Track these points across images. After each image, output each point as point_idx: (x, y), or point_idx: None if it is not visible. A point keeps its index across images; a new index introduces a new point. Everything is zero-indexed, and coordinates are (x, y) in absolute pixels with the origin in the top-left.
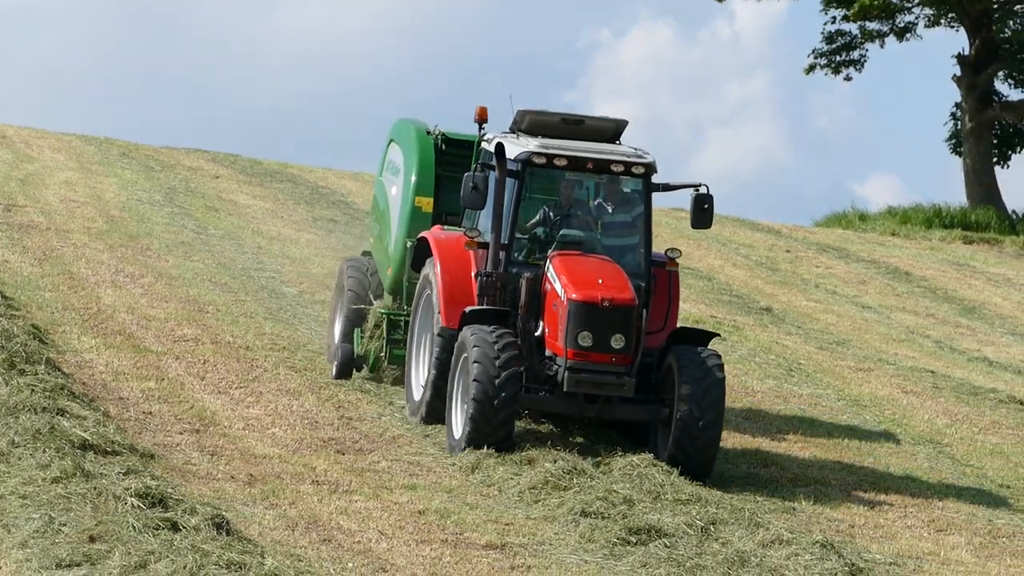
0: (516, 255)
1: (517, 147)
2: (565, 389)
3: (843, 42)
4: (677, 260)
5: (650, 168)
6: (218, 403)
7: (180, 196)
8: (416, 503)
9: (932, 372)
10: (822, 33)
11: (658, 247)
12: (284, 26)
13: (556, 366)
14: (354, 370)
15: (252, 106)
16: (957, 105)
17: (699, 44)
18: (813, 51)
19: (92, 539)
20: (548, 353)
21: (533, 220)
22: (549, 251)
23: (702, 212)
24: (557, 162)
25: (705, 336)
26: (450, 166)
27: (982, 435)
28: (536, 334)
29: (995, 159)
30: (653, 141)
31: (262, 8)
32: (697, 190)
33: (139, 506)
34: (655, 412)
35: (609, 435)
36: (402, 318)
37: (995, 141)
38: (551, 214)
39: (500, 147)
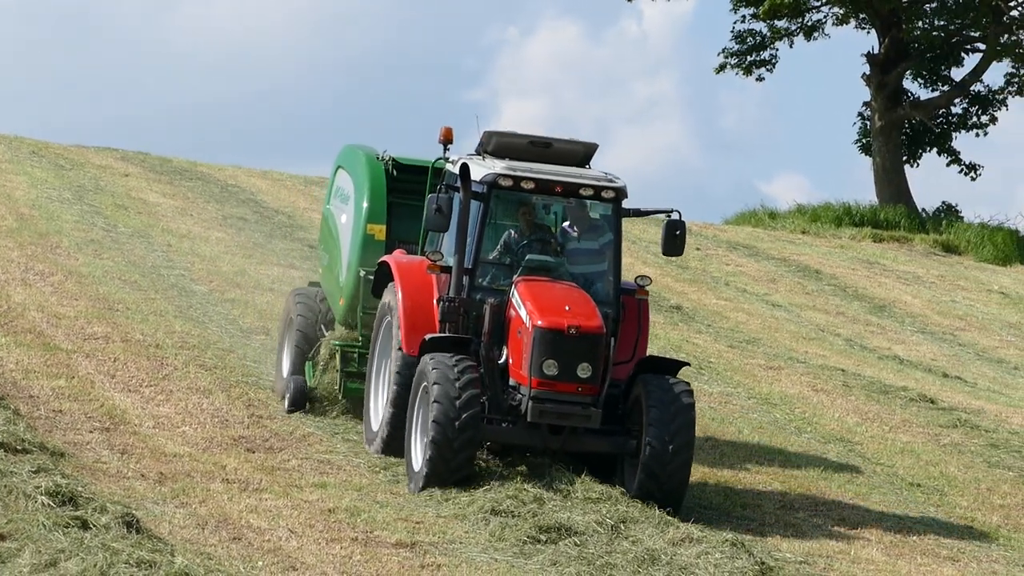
0: (480, 280)
1: (483, 169)
2: (529, 419)
3: (754, 42)
4: (647, 288)
5: (620, 193)
6: (128, 401)
7: (90, 194)
8: (326, 501)
9: (842, 370)
10: (732, 32)
11: None
12: (191, 24)
13: (520, 396)
14: (307, 403)
15: (161, 105)
16: (866, 104)
17: (606, 43)
18: (723, 50)
19: (1, 537)
20: (512, 382)
21: (498, 246)
22: (514, 276)
23: (674, 239)
24: (524, 185)
25: (674, 365)
26: (402, 192)
27: (893, 433)
28: (499, 362)
29: (904, 158)
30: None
31: (169, 6)
32: (669, 216)
33: (49, 504)
34: (622, 444)
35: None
36: (356, 350)
37: (904, 140)
38: (515, 239)
39: (465, 168)
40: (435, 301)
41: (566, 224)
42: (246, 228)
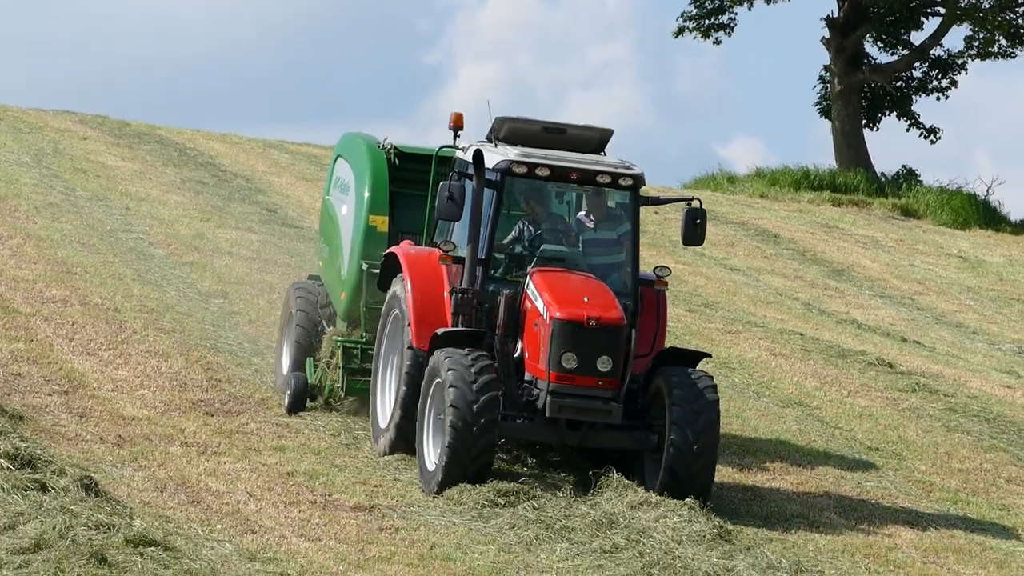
0: (493, 271)
1: (496, 156)
2: (547, 415)
3: (712, 5)
4: (666, 279)
5: (638, 180)
6: (87, 365)
7: (48, 158)
8: (285, 465)
9: (801, 334)
10: None
11: None
12: None
13: (537, 390)
14: (308, 400)
15: (118, 67)
16: (826, 68)
17: (562, 7)
18: (682, 14)
19: None
20: (528, 377)
21: (510, 236)
22: (528, 267)
23: (694, 227)
24: (539, 172)
25: (694, 356)
26: (405, 182)
27: (851, 398)
28: (514, 356)
29: (864, 122)
30: (515, 103)
31: None
32: (689, 204)
33: (8, 467)
34: (643, 440)
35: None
36: (359, 346)
37: (864, 104)
38: (528, 229)
39: (479, 155)
40: (447, 293)
41: (581, 213)
42: (204, 191)
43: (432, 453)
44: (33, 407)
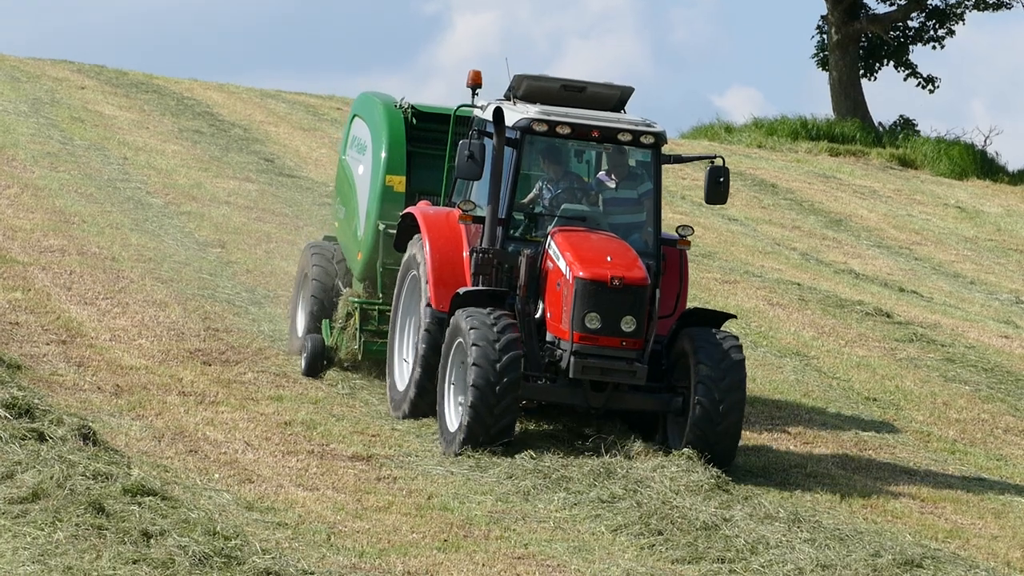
0: (512, 231)
1: (516, 114)
2: (571, 375)
3: None
4: (688, 238)
5: (660, 138)
6: (84, 314)
7: (46, 107)
8: (282, 414)
9: (798, 284)
10: None
11: None
12: None
13: (560, 351)
14: (324, 363)
15: (116, 16)
16: (823, 18)
17: None
18: None
19: None
20: (549, 337)
21: (529, 195)
22: (549, 227)
23: (716, 186)
24: (559, 130)
25: (719, 317)
26: (421, 142)
27: (848, 348)
28: (535, 317)
29: (861, 72)
30: (513, 53)
31: None
32: (712, 162)
33: (5, 416)
34: (667, 402)
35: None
36: (376, 307)
37: (861, 53)
38: (548, 188)
39: (499, 113)
40: (467, 253)
41: (602, 173)
42: (202, 141)
43: (453, 414)
44: (31, 356)
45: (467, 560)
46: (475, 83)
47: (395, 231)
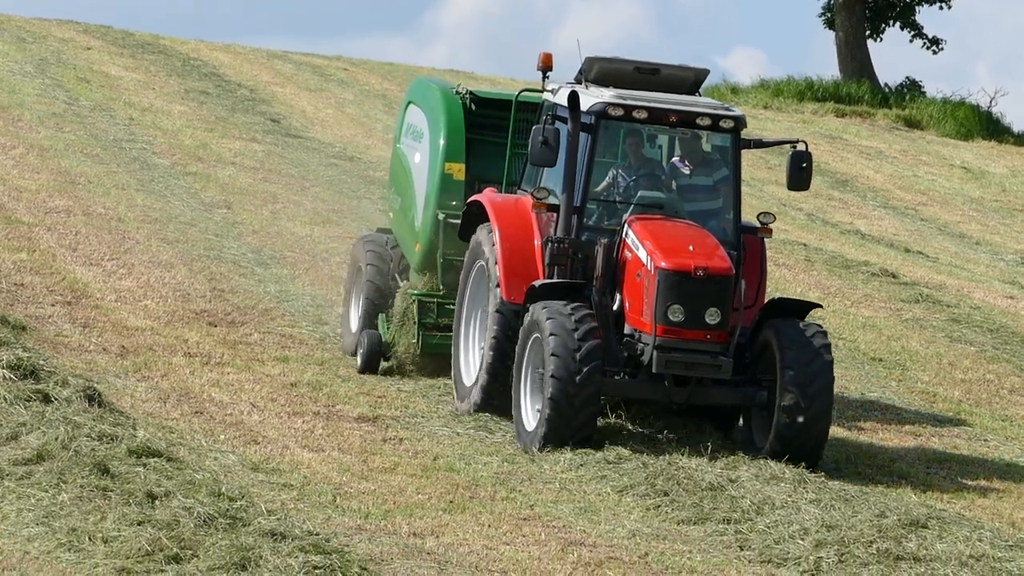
0: (587, 220)
1: (590, 98)
2: (655, 370)
3: None
4: (770, 226)
5: (740, 122)
6: (90, 275)
7: (52, 67)
8: (288, 375)
9: (805, 245)
10: None
11: None
12: None
13: (641, 345)
14: (382, 360)
15: None
16: None
17: None
18: None
19: None
20: (628, 330)
21: (603, 183)
22: (625, 215)
23: (799, 172)
24: (636, 114)
25: (804, 307)
26: (481, 128)
27: (854, 308)
28: (613, 309)
29: (868, 32)
30: (515, 15)
31: None
32: (794, 147)
33: (10, 378)
34: (752, 396)
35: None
36: (435, 299)
37: (867, 14)
38: (622, 175)
39: (574, 97)
40: (540, 243)
41: (676, 159)
42: (208, 102)
43: (531, 411)
44: (36, 318)
45: (473, 521)
46: (545, 66)
47: (456, 220)
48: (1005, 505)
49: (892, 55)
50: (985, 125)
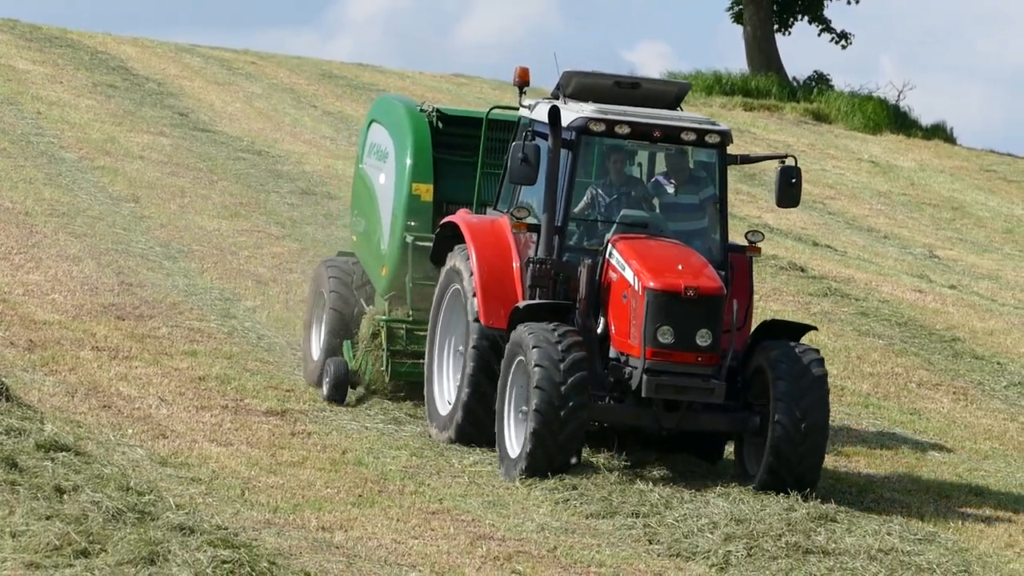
0: (569, 240)
1: (571, 113)
2: (644, 394)
3: None
4: (759, 244)
5: (726, 137)
6: None
7: None
8: (196, 369)
9: None
10: None
11: None
12: None
13: (628, 368)
14: (349, 388)
15: None
16: None
17: None
18: None
19: None
20: (614, 354)
21: (582, 202)
22: (608, 235)
23: (789, 187)
24: (618, 130)
25: (798, 329)
26: (448, 148)
27: (763, 302)
28: (598, 331)
29: (776, 26)
30: (421, 8)
31: None
32: (783, 162)
33: None
34: (744, 422)
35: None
36: (404, 326)
37: (775, 8)
38: (602, 194)
39: (555, 112)
40: (520, 265)
41: (660, 176)
42: (116, 95)
43: (515, 438)
44: None
45: (382, 515)
46: (522, 80)
47: (425, 243)
48: (913, 499)
49: (800, 49)
50: (893, 119)
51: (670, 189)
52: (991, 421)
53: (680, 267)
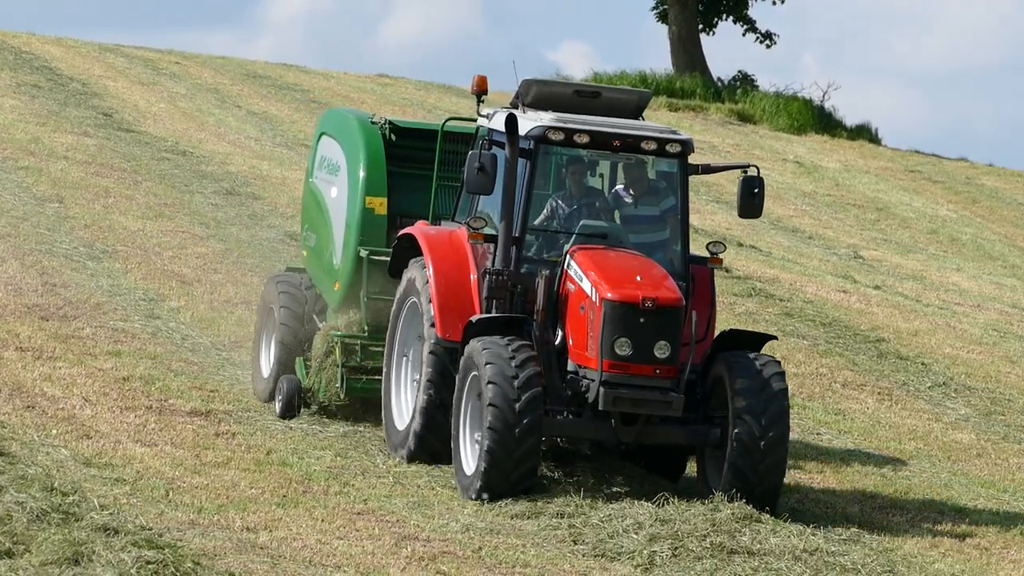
0: (526, 251)
1: (529, 122)
2: (601, 407)
3: None
4: (720, 256)
5: (687, 147)
6: None
7: None
8: (120, 370)
9: None
10: None
11: None
12: None
13: (586, 381)
14: (303, 406)
15: None
16: None
17: None
18: None
19: None
20: (571, 366)
21: (541, 214)
22: (567, 246)
23: (751, 198)
24: (577, 139)
25: (758, 339)
26: (402, 160)
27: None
28: (555, 344)
29: (701, 27)
30: (342, 9)
31: None
32: (745, 172)
33: None
34: (704, 435)
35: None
36: (359, 341)
37: (700, 8)
38: (561, 205)
39: (512, 120)
40: (479, 275)
41: (620, 187)
42: (40, 95)
43: (470, 454)
44: None
45: (306, 515)
46: (480, 89)
47: (379, 257)
48: (838, 499)
49: (724, 49)
50: (818, 119)
51: (629, 200)
52: (916, 421)
53: (639, 278)
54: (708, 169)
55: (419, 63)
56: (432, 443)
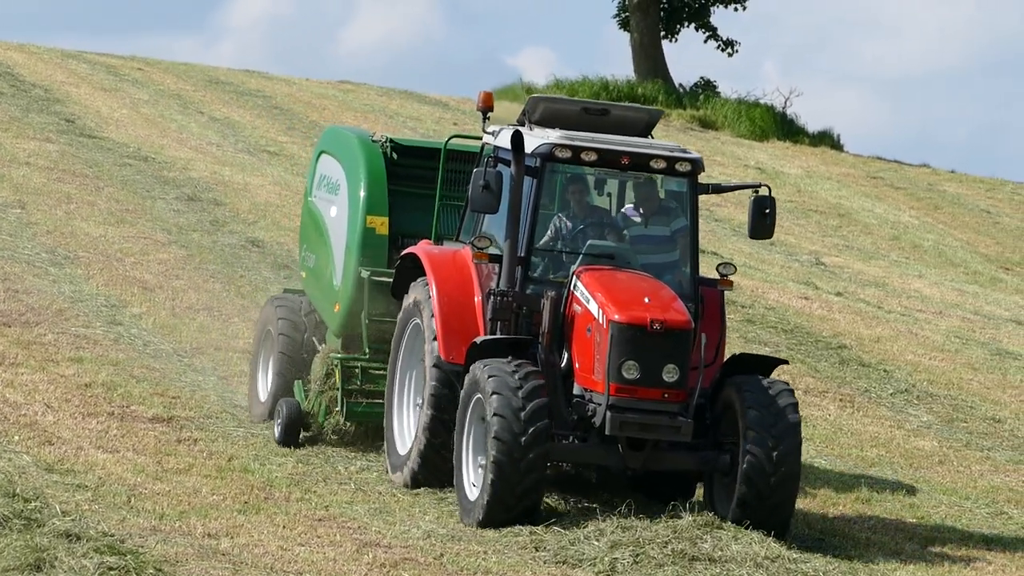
0: (532, 271)
1: (535, 139)
2: (607, 432)
3: None
4: (730, 277)
5: (697, 166)
6: None
7: None
8: (82, 376)
9: None
10: None
11: None
12: None
13: (593, 405)
14: (303, 430)
15: None
16: None
17: None
18: None
19: None
20: (577, 390)
21: (546, 235)
22: (573, 267)
23: (762, 218)
24: (584, 156)
25: (769, 363)
26: (403, 179)
27: None
28: (561, 367)
29: (663, 33)
30: (303, 14)
31: None
32: (756, 192)
33: None
34: (713, 460)
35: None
36: (359, 364)
37: (662, 14)
38: (566, 225)
39: (518, 137)
40: (484, 296)
41: (628, 207)
42: (2, 102)
43: (473, 480)
44: None
45: (268, 522)
46: (486, 106)
47: (381, 278)
48: (800, 506)
49: (685, 56)
50: (780, 126)
51: (638, 220)
52: (878, 428)
53: (647, 300)
54: (719, 189)
55: (380, 68)
56: (434, 465)
